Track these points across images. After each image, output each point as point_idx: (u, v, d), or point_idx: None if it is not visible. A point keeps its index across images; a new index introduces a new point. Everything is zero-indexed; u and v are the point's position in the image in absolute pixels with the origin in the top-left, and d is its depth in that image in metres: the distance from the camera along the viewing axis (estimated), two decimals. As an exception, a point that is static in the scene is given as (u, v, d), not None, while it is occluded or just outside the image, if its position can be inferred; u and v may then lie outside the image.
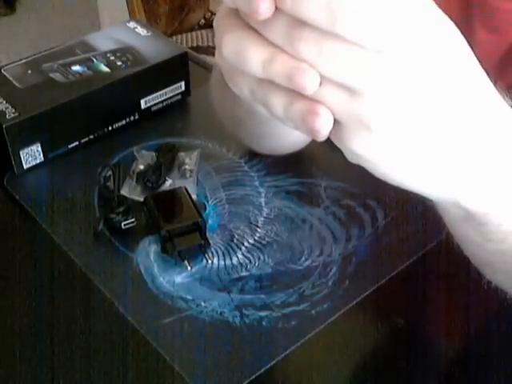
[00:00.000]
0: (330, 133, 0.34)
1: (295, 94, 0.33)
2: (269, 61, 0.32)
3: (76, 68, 0.77)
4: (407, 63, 0.31)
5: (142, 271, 0.61)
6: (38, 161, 0.73)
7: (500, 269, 0.46)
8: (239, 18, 0.33)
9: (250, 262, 0.62)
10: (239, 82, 0.35)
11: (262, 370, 0.53)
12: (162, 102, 0.81)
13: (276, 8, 0.31)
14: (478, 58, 0.34)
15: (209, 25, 1.84)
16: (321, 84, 0.32)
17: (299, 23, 0.31)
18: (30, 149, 0.72)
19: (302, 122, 0.33)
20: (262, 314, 0.57)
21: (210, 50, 1.71)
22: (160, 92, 0.80)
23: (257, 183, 0.71)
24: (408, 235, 0.64)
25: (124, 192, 0.68)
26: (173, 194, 0.67)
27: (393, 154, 0.34)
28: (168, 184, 0.70)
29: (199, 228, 0.62)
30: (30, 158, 0.72)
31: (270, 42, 0.32)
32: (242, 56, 0.33)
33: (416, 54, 0.31)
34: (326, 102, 0.33)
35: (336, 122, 0.33)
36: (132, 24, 0.85)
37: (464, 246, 0.46)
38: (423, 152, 0.34)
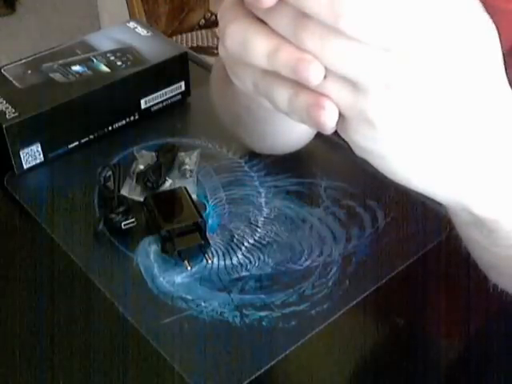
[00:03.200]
0: (336, 125, 0.33)
1: (300, 86, 0.32)
2: (273, 51, 0.31)
3: (76, 68, 0.77)
4: (412, 61, 0.30)
5: (142, 271, 0.61)
6: (37, 161, 0.73)
7: (506, 272, 0.46)
8: (243, 7, 0.32)
9: (250, 261, 0.62)
10: (242, 74, 0.34)
11: (262, 370, 0.53)
12: (161, 102, 0.81)
13: None
14: None
15: (209, 25, 1.84)
16: (325, 77, 0.31)
17: (304, 14, 0.30)
18: (29, 149, 0.72)
19: (306, 115, 0.32)
20: (262, 313, 0.57)
21: (210, 50, 1.72)
22: (160, 92, 0.80)
23: (257, 183, 0.71)
24: (408, 235, 0.64)
25: (124, 192, 0.68)
26: (173, 194, 0.67)
27: (397, 151, 0.33)
28: (168, 184, 0.70)
29: (199, 228, 0.62)
30: (29, 158, 0.72)
31: (274, 32, 0.32)
32: (246, 46, 0.32)
33: (421, 53, 0.30)
34: (330, 96, 0.32)
35: (341, 114, 0.33)
36: (132, 24, 0.85)
37: (471, 249, 0.46)
38: (429, 151, 0.33)
